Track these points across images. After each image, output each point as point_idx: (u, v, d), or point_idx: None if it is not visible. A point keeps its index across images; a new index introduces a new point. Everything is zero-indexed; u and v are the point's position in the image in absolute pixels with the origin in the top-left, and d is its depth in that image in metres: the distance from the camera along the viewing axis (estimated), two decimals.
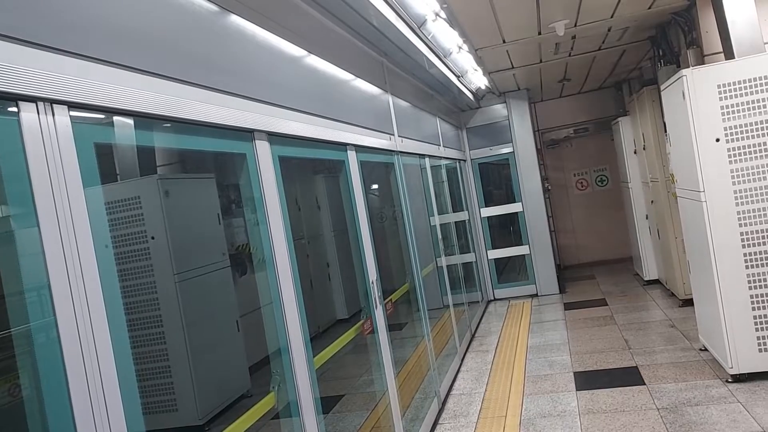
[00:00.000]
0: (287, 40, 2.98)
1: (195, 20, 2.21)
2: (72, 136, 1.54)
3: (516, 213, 8.95)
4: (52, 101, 1.49)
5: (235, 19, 2.49)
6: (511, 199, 9.01)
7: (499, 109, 8.98)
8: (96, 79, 1.63)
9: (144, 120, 1.87)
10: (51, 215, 1.44)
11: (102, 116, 1.73)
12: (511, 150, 8.90)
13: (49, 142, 1.47)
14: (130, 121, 1.85)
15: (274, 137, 2.64)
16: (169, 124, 2.02)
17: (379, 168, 5.52)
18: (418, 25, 4.39)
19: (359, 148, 3.87)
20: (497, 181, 10.27)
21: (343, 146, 3.63)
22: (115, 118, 1.79)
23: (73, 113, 1.56)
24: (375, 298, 3.75)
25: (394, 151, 4.76)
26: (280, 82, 2.85)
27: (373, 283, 3.76)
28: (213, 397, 5.04)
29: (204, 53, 2.22)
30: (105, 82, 1.66)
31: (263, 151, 2.54)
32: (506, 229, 9.43)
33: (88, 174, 1.57)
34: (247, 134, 2.45)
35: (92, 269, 1.53)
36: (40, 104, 1.46)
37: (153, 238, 4.90)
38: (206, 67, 2.21)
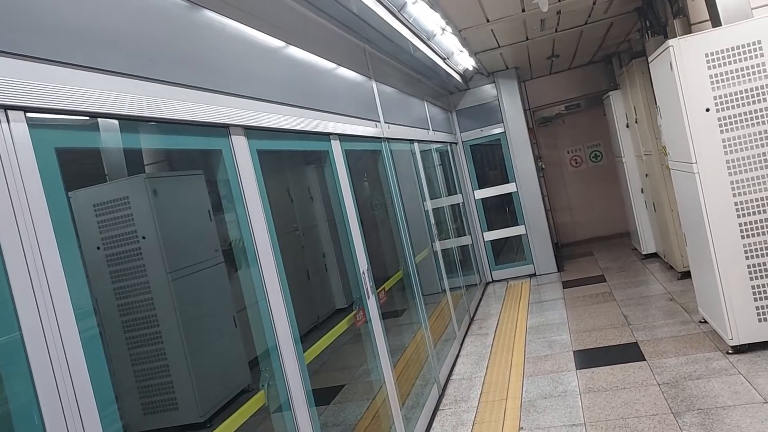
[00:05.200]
0: (261, 30, 2.91)
1: (159, 14, 2.14)
2: (30, 142, 1.49)
3: (510, 193, 8.90)
4: (6, 107, 1.44)
5: (203, 12, 2.42)
6: (505, 180, 8.95)
7: (488, 90, 8.89)
8: (53, 81, 1.57)
9: (109, 121, 1.81)
10: (11, 225, 1.39)
11: (64, 119, 1.67)
12: (503, 130, 8.82)
13: (5, 149, 1.41)
14: (97, 123, 1.79)
15: (251, 131, 2.58)
16: (139, 124, 1.96)
17: (367, 155, 5.45)
18: (398, 8, 4.31)
19: (343, 137, 3.81)
20: (491, 162, 10.21)
21: (326, 136, 3.56)
22: (81, 120, 1.73)
23: (31, 116, 1.50)
24: (367, 288, 3.71)
25: (380, 138, 4.70)
26: (255, 74, 2.79)
27: (364, 273, 3.71)
28: (213, 393, 5.01)
29: (171, 48, 2.15)
30: (63, 84, 1.60)
31: (240, 145, 2.48)
32: (501, 210, 9.39)
33: (49, 180, 1.52)
34: (222, 129, 2.38)
35: (59, 278, 1.48)
36: None
37: (144, 237, 4.86)
38: (174, 63, 2.14)
